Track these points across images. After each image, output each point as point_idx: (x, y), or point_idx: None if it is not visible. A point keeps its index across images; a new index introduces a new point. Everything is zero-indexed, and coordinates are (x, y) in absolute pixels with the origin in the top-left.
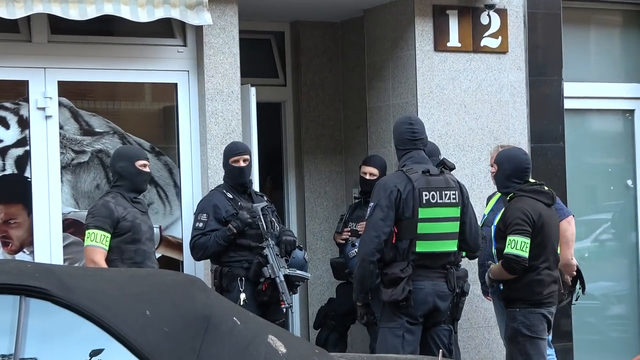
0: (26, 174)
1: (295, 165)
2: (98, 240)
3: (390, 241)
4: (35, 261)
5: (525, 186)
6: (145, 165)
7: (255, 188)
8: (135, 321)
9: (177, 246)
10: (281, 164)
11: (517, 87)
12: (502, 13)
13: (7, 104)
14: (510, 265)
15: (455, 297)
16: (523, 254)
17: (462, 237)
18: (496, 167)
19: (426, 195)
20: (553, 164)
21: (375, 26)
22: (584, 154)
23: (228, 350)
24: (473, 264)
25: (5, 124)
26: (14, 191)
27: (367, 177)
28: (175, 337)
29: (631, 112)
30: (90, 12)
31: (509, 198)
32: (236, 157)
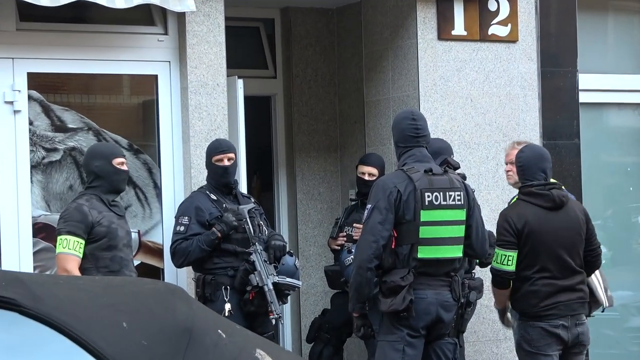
0: None
1: (286, 164)
2: (71, 247)
3: (389, 246)
4: (2, 269)
5: (523, 188)
6: (123, 163)
7: (242, 189)
8: (110, 334)
9: (157, 252)
10: (271, 163)
11: (528, 79)
12: None
13: None
14: (493, 279)
15: (460, 308)
16: (505, 268)
17: (468, 242)
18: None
19: (429, 196)
20: (567, 163)
21: (373, 13)
22: (601, 152)
23: None
24: (486, 272)
25: None
26: None
27: (366, 178)
28: (154, 352)
29: None
30: None
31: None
32: (220, 156)
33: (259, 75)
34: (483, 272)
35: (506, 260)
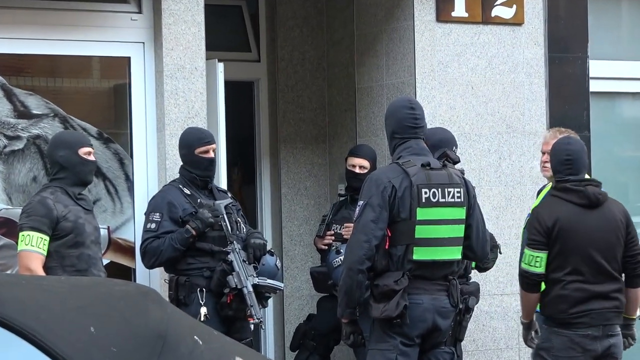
0: None
1: (270, 155)
2: (34, 243)
3: (382, 247)
4: None
5: (558, 184)
6: (90, 153)
7: (222, 183)
8: (77, 339)
9: (129, 251)
10: (253, 154)
11: (534, 66)
12: None
13: None
14: (522, 281)
15: (458, 314)
16: (532, 269)
17: (467, 243)
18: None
19: (426, 192)
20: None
21: None
22: (613, 145)
23: None
24: (482, 277)
25: None
26: None
27: (357, 171)
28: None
29: None
30: None
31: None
32: (205, 147)
33: (241, 58)
34: (482, 277)
35: (534, 261)
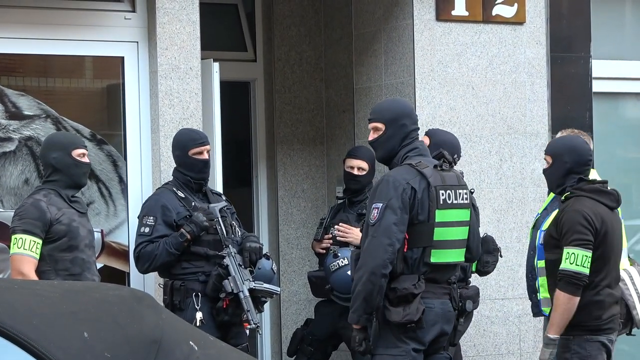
0: None
1: (266, 157)
2: (27, 247)
3: (401, 250)
4: None
5: (583, 184)
6: (83, 154)
7: (218, 186)
8: (70, 345)
9: (122, 254)
10: (249, 156)
11: (536, 65)
12: None
13: None
14: (567, 286)
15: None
16: (584, 271)
17: (467, 244)
18: (551, 160)
19: (443, 194)
20: None
21: None
22: (616, 147)
23: None
24: (482, 280)
25: None
26: None
27: (355, 172)
28: None
29: None
30: None
31: (565, 198)
32: (199, 148)
33: (237, 58)
34: (482, 281)
35: (586, 262)
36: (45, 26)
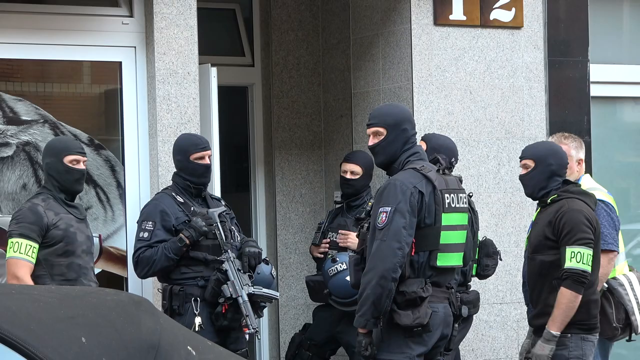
0: None
1: (264, 162)
2: (23, 251)
3: (409, 254)
4: None
5: (571, 187)
6: (77, 161)
7: (216, 190)
8: (68, 350)
9: (120, 259)
10: (247, 161)
11: (534, 70)
12: None
13: None
14: (575, 284)
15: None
16: (588, 269)
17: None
18: (533, 164)
19: (448, 197)
20: None
21: None
22: (614, 151)
23: None
24: (482, 284)
25: None
26: None
27: (348, 176)
28: None
29: None
30: None
31: (551, 201)
32: (201, 153)
33: (235, 63)
34: (481, 286)
35: (590, 260)
36: (43, 31)
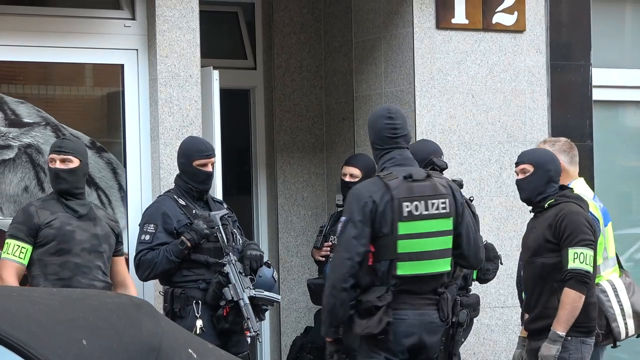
0: None
1: (266, 165)
2: (10, 251)
3: (365, 263)
4: None
5: (567, 192)
6: (62, 160)
7: (218, 193)
8: (68, 352)
9: None
10: (249, 164)
11: (536, 74)
12: None
13: None
14: (578, 285)
15: (451, 328)
16: (591, 270)
17: (459, 252)
18: (532, 168)
19: (408, 206)
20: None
21: None
22: (616, 155)
23: None
24: (484, 289)
25: None
26: None
27: (347, 179)
28: None
29: None
30: None
31: (548, 205)
32: (204, 160)
33: (237, 66)
34: (482, 289)
35: (592, 260)
36: (45, 34)
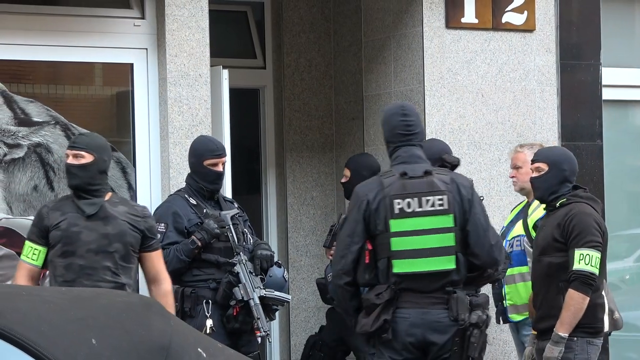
0: None
1: (275, 164)
2: (25, 253)
3: (363, 261)
4: None
5: (580, 192)
6: (75, 155)
7: (227, 193)
8: (78, 351)
9: None
10: (259, 163)
11: (546, 73)
12: None
13: None
14: (583, 286)
15: (466, 330)
16: (596, 272)
17: (469, 250)
18: (547, 167)
19: (399, 203)
20: (588, 166)
21: None
22: (626, 154)
23: None
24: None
25: None
26: None
27: (342, 180)
28: None
29: None
30: None
31: (560, 204)
32: (215, 160)
33: (246, 65)
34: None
35: (597, 263)
36: (54, 33)
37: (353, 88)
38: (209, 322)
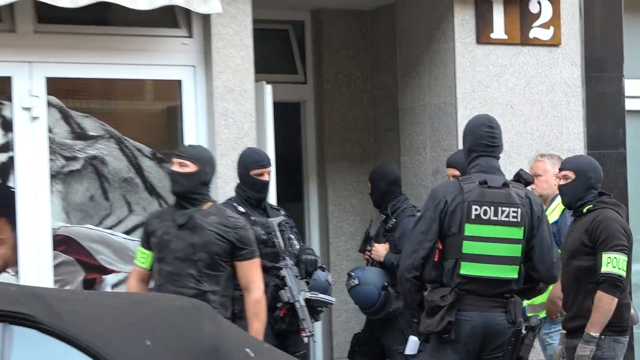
0: (10, 184)
1: (316, 174)
2: (136, 257)
3: (431, 259)
4: (20, 283)
5: (605, 198)
6: (179, 164)
7: (272, 201)
8: (133, 352)
9: None
10: (300, 173)
11: (572, 85)
12: (555, 0)
13: None
14: (612, 288)
15: (520, 332)
16: (624, 274)
17: (531, 264)
18: (574, 175)
19: (476, 209)
20: (612, 174)
21: (408, 15)
22: None
23: None
24: None
25: None
26: None
27: (369, 191)
28: None
29: None
30: None
31: (587, 210)
32: (261, 170)
33: (288, 80)
34: None
35: (625, 266)
36: (107, 51)
37: (389, 101)
38: None
